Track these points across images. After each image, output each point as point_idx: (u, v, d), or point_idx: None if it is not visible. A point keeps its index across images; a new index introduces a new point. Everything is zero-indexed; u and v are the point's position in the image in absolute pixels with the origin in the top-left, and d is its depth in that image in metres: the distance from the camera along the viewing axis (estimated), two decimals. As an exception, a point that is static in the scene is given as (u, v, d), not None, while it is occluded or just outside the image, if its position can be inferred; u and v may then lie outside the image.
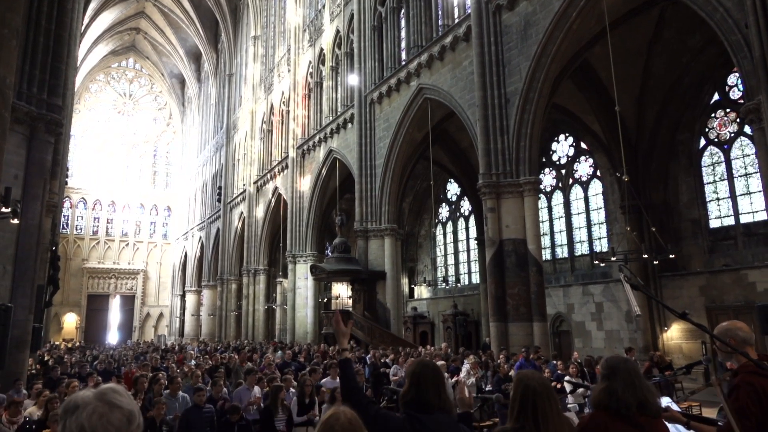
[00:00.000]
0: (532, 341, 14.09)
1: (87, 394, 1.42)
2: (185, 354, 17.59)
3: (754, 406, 2.78)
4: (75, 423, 1.34)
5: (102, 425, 1.34)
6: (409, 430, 2.38)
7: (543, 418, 2.39)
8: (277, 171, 31.80)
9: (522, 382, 2.52)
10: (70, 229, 47.76)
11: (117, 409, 1.38)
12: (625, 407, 2.52)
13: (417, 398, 2.48)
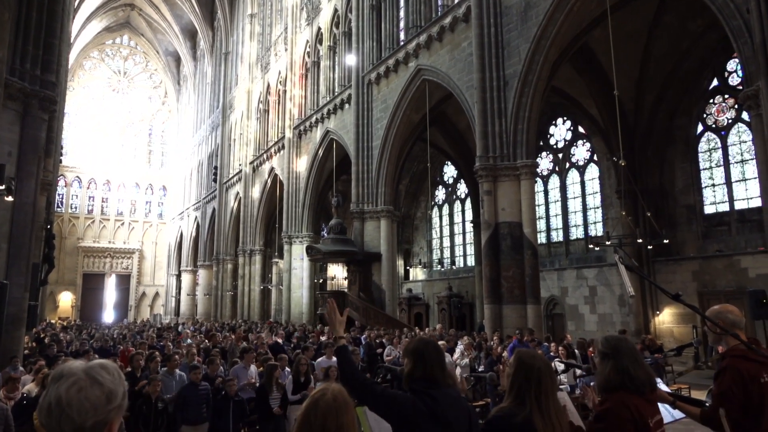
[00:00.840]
0: (526, 323, 14.22)
1: (77, 365, 1.42)
2: (183, 335, 17.70)
3: (738, 390, 2.81)
4: (54, 392, 1.35)
5: (78, 399, 1.34)
6: (422, 407, 2.38)
7: (545, 396, 2.41)
8: (273, 151, 31.65)
9: (525, 360, 2.53)
10: (64, 208, 47.55)
11: (98, 385, 1.37)
12: (642, 385, 2.53)
13: (424, 375, 2.49)
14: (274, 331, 16.98)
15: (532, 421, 2.37)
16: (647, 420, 2.48)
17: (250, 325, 23.66)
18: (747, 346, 2.97)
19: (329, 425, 1.81)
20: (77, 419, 1.33)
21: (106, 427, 1.38)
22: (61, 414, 1.32)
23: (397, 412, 2.41)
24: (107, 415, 1.37)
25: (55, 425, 1.33)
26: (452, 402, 2.45)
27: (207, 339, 14.44)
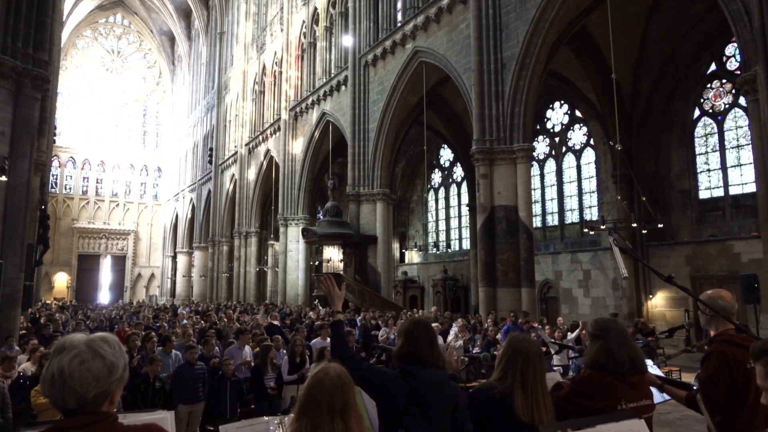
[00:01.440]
0: (520, 306, 14.33)
1: (79, 338, 1.45)
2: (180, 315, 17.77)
3: (724, 375, 2.84)
4: (57, 364, 1.39)
5: (80, 371, 1.38)
6: (403, 383, 2.43)
7: (532, 376, 2.46)
8: (269, 133, 31.47)
9: (515, 341, 2.61)
10: (59, 189, 47.27)
11: (99, 358, 1.42)
12: (621, 365, 2.61)
13: (412, 353, 2.53)
14: (269, 312, 17.06)
15: (511, 395, 2.43)
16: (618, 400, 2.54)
17: (245, 306, 23.76)
18: (738, 328, 3.00)
19: (336, 403, 1.83)
20: (79, 390, 1.37)
21: (108, 397, 1.42)
22: (64, 385, 1.37)
23: (380, 387, 2.45)
24: (108, 387, 1.42)
25: (59, 396, 1.38)
26: (437, 382, 2.48)
27: (203, 319, 14.49)
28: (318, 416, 1.82)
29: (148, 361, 6.85)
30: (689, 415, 7.77)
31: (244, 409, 7.25)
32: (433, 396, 2.43)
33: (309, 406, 1.85)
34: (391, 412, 2.41)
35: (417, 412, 2.40)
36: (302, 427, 1.82)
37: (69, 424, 1.39)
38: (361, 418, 1.92)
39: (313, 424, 1.81)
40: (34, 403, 6.25)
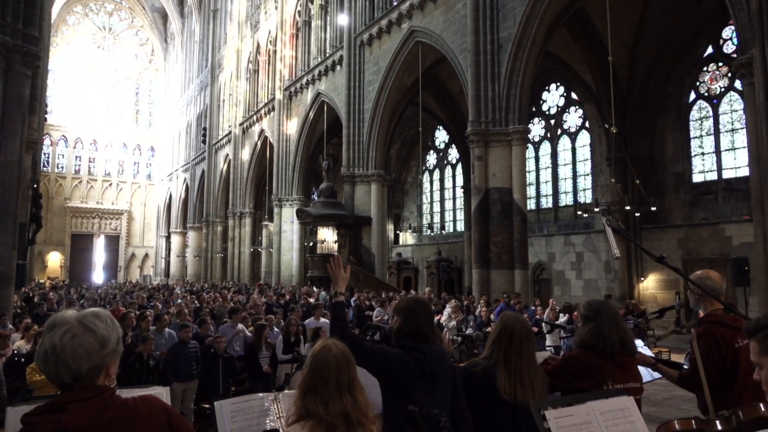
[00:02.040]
0: (513, 288, 14.45)
1: (71, 314, 1.47)
2: (175, 295, 17.81)
3: (714, 355, 2.90)
4: (49, 340, 1.41)
5: (72, 346, 1.40)
6: (410, 360, 2.45)
7: (516, 354, 2.51)
8: (263, 113, 31.22)
9: (504, 321, 2.66)
10: (51, 168, 46.85)
11: (90, 333, 1.43)
12: (611, 346, 2.66)
13: (414, 330, 2.56)
14: (263, 293, 17.13)
15: (492, 372, 2.47)
16: (605, 379, 2.59)
17: (240, 286, 23.83)
18: (727, 308, 3.05)
19: (343, 378, 1.87)
20: (72, 365, 1.40)
21: (103, 371, 1.44)
22: (57, 360, 1.39)
23: (385, 366, 2.47)
24: (102, 360, 1.44)
25: (53, 371, 1.40)
26: (439, 357, 2.53)
27: (197, 299, 14.55)
28: (327, 393, 1.85)
29: (142, 340, 6.88)
30: (677, 394, 7.92)
31: (239, 387, 7.32)
32: (439, 370, 2.48)
33: (316, 383, 1.88)
34: (399, 388, 2.43)
35: (425, 386, 2.43)
36: (311, 404, 1.85)
37: (66, 399, 1.41)
38: (364, 390, 1.95)
39: (323, 400, 1.84)
40: (29, 381, 6.28)
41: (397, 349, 2.54)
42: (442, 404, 2.46)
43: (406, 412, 2.40)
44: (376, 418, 1.94)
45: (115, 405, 1.45)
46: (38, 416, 1.40)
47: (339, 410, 1.82)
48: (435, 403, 2.44)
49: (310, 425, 1.82)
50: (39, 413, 1.40)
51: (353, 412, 1.84)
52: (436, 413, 2.42)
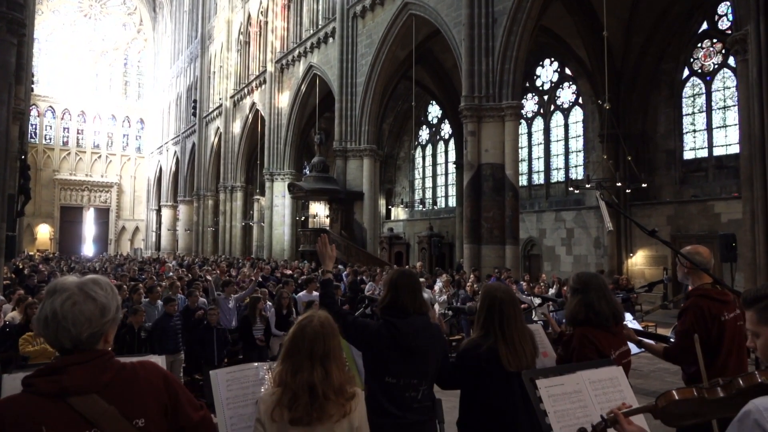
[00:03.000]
0: (504, 263, 14.58)
1: (71, 281, 1.49)
2: (166, 267, 17.80)
3: (700, 328, 2.96)
4: (50, 306, 1.43)
5: (73, 313, 1.42)
6: (385, 334, 2.51)
7: (507, 324, 2.56)
8: (254, 86, 30.82)
9: (488, 292, 2.70)
10: (38, 139, 46.15)
11: (91, 300, 1.45)
12: (605, 318, 2.70)
13: (394, 303, 2.60)
14: (255, 267, 17.16)
15: (497, 349, 2.53)
16: (610, 351, 2.66)
17: (231, 260, 23.83)
18: (716, 281, 3.11)
19: (317, 349, 1.88)
20: (73, 331, 1.42)
21: (102, 337, 1.45)
22: (57, 326, 1.41)
23: (363, 339, 2.55)
24: (102, 327, 1.46)
25: (53, 336, 1.43)
26: (418, 330, 2.56)
27: (189, 272, 14.56)
28: (298, 362, 1.87)
29: (132, 312, 6.90)
30: (662, 367, 8.10)
31: (233, 359, 7.39)
32: (415, 343, 2.52)
33: (292, 351, 1.91)
34: (376, 361, 2.49)
35: (400, 358, 2.49)
36: (284, 371, 1.88)
37: (65, 361, 1.43)
38: (344, 366, 1.96)
39: (293, 369, 1.86)
40: (22, 351, 6.31)
41: (380, 322, 2.59)
42: (420, 374, 2.51)
43: (384, 383, 2.47)
44: (353, 394, 1.93)
45: (114, 368, 1.47)
46: (38, 378, 1.42)
47: (305, 381, 1.83)
48: (412, 373, 2.49)
49: (278, 392, 1.85)
50: (39, 375, 1.42)
51: (321, 385, 1.84)
52: (414, 383, 2.48)
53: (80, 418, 1.38)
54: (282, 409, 1.82)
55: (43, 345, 6.42)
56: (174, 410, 1.53)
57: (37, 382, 1.40)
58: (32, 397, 1.38)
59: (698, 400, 1.56)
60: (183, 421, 1.54)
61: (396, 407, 2.42)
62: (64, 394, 1.38)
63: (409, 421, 2.45)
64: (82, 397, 1.39)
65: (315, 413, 1.82)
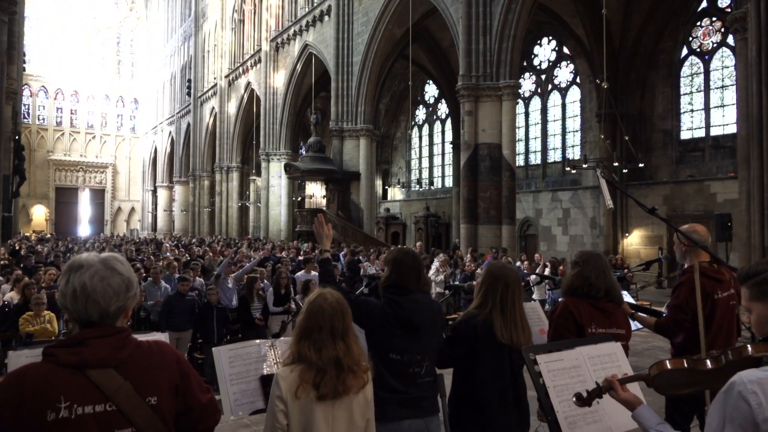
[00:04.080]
0: (500, 243, 14.65)
1: (92, 257, 1.53)
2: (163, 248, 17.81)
3: (693, 303, 3.02)
4: (78, 280, 1.46)
5: (102, 287, 1.47)
6: (389, 311, 2.54)
7: (511, 301, 2.60)
8: (249, 65, 30.50)
9: (493, 271, 2.72)
10: (31, 119, 45.67)
11: (117, 275, 1.50)
12: (596, 290, 2.76)
13: (397, 282, 2.62)
14: (252, 247, 17.19)
15: (491, 320, 2.57)
16: (589, 324, 2.71)
17: (228, 240, 23.87)
18: (716, 259, 3.14)
19: (337, 325, 1.92)
20: (102, 304, 1.46)
21: (124, 312, 1.48)
22: (87, 299, 1.45)
23: (367, 317, 2.56)
24: (126, 302, 1.52)
25: (81, 309, 1.46)
26: (420, 306, 2.59)
27: (187, 252, 14.59)
28: (321, 339, 1.90)
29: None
30: (656, 345, 8.21)
31: (232, 338, 7.45)
32: (418, 320, 2.55)
33: (311, 329, 1.93)
34: (381, 338, 2.52)
35: (404, 335, 2.52)
36: (305, 349, 1.90)
37: (86, 334, 1.46)
38: (357, 339, 2.01)
39: (316, 346, 1.89)
40: (22, 332, 6.35)
41: (383, 300, 2.61)
42: (423, 350, 2.55)
43: (388, 360, 2.50)
44: (368, 366, 1.99)
45: (132, 344, 1.51)
46: (60, 348, 1.44)
47: (331, 356, 1.88)
48: (416, 349, 2.54)
49: (300, 369, 1.88)
50: (60, 346, 1.45)
51: (345, 359, 1.89)
52: (418, 359, 2.53)
53: (97, 391, 1.41)
54: (306, 386, 1.85)
55: (43, 325, 6.46)
56: (184, 391, 1.56)
57: (58, 353, 1.43)
58: (52, 366, 1.41)
59: (688, 371, 1.61)
60: (191, 402, 1.58)
61: (400, 383, 2.47)
62: (83, 366, 1.41)
63: (413, 396, 2.49)
64: (100, 371, 1.42)
65: (340, 387, 1.87)
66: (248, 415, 2.58)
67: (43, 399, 1.37)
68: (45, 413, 1.36)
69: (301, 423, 1.83)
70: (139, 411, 1.44)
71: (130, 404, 1.43)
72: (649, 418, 1.63)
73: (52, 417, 1.36)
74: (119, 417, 1.42)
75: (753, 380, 1.34)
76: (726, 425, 1.35)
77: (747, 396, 1.32)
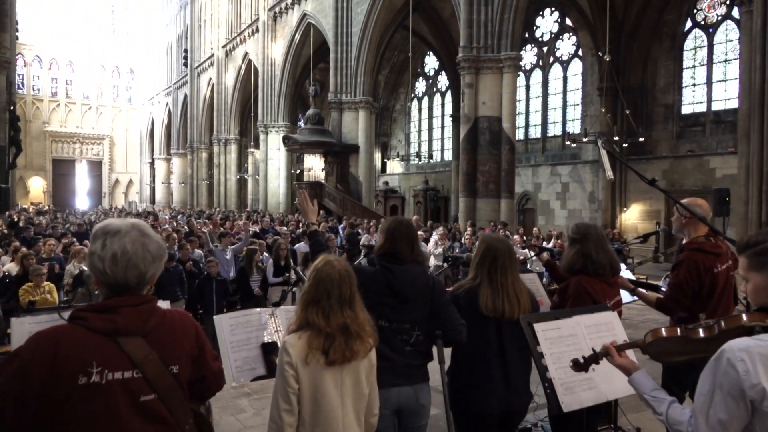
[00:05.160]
0: (499, 217, 14.67)
1: (124, 222, 1.55)
2: (160, 221, 17.84)
3: (693, 281, 3.05)
4: (118, 244, 1.48)
5: (142, 252, 1.50)
6: (381, 278, 2.56)
7: (501, 272, 2.60)
8: (247, 35, 30.03)
9: (484, 241, 2.74)
10: (26, 90, 45.10)
11: (154, 241, 1.54)
12: (601, 268, 2.77)
13: (391, 251, 2.63)
14: (251, 219, 17.20)
15: (477, 291, 2.60)
16: (604, 300, 2.73)
17: (227, 213, 23.87)
18: (714, 231, 3.15)
19: (344, 293, 1.95)
20: (142, 268, 1.49)
21: (153, 278, 1.54)
22: (128, 263, 1.47)
23: (359, 283, 2.56)
24: (157, 269, 1.55)
25: (121, 274, 1.47)
26: (412, 277, 2.60)
27: (186, 225, 14.60)
28: (329, 306, 1.93)
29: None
30: (651, 318, 8.30)
31: (231, 309, 7.51)
32: (410, 290, 2.56)
33: (319, 297, 1.95)
34: (371, 304, 2.53)
35: (394, 303, 2.54)
36: (312, 315, 1.92)
37: (118, 302, 1.48)
38: (363, 306, 2.04)
39: (324, 313, 1.92)
40: (22, 302, 6.38)
41: (376, 268, 2.63)
42: (412, 320, 2.56)
43: (377, 326, 2.51)
44: (374, 332, 2.02)
45: (159, 313, 1.54)
46: (91, 313, 1.46)
47: (339, 323, 1.91)
48: (405, 318, 2.55)
49: (308, 335, 1.90)
50: (91, 311, 1.47)
51: (353, 325, 1.93)
52: (407, 328, 2.54)
53: (126, 358, 1.44)
54: (315, 352, 1.88)
55: (43, 296, 6.50)
56: (200, 360, 1.61)
57: (90, 318, 1.44)
58: (84, 330, 1.43)
59: (682, 339, 1.64)
60: (205, 371, 1.63)
61: (389, 349, 2.48)
62: (114, 334, 1.44)
63: (400, 364, 2.51)
64: (130, 339, 1.45)
65: (348, 352, 1.90)
66: (249, 381, 2.62)
67: (77, 362, 1.39)
68: (77, 376, 1.38)
69: (311, 388, 1.87)
70: (163, 379, 1.48)
71: (156, 372, 1.47)
72: (645, 383, 1.66)
73: (84, 381, 1.39)
74: (144, 384, 1.46)
75: (742, 348, 1.38)
76: (715, 391, 1.41)
77: (735, 363, 1.37)
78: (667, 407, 1.56)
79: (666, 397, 1.60)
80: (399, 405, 2.51)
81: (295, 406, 1.86)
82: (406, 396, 2.51)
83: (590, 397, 2.02)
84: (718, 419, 1.40)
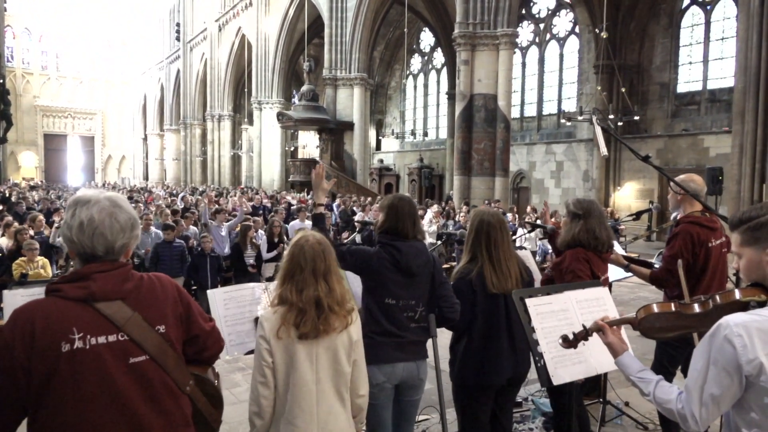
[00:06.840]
0: (493, 195, 14.70)
1: (98, 193, 1.54)
2: (154, 195, 17.75)
3: (687, 252, 3.07)
4: (85, 213, 1.47)
5: (110, 221, 1.49)
6: (385, 256, 2.55)
7: (495, 247, 2.63)
8: (240, 9, 29.51)
9: (477, 216, 2.74)
10: (15, 63, 44.31)
11: (124, 212, 1.53)
12: (602, 245, 2.80)
13: (394, 227, 2.62)
14: (246, 195, 17.15)
15: (483, 273, 2.65)
16: (599, 271, 2.77)
17: (221, 190, 23.79)
18: (707, 208, 3.17)
19: (318, 266, 1.93)
20: (110, 238, 1.48)
21: (126, 250, 1.50)
22: (94, 231, 1.47)
23: (364, 263, 2.58)
24: (129, 241, 1.54)
25: (88, 242, 1.47)
26: (416, 253, 2.61)
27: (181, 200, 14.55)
28: (303, 280, 1.92)
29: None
30: (642, 296, 8.40)
31: (225, 285, 7.53)
32: (415, 265, 2.57)
33: (293, 271, 1.94)
34: (377, 283, 2.55)
35: (401, 280, 2.55)
36: (288, 291, 1.92)
37: (91, 269, 1.48)
38: (342, 280, 2.02)
39: (298, 287, 1.91)
40: (16, 276, 6.37)
41: (378, 245, 2.62)
42: (418, 296, 2.59)
43: (384, 304, 2.54)
44: (353, 308, 2.01)
45: (136, 277, 1.54)
46: (64, 284, 1.46)
47: (311, 296, 1.90)
48: (411, 295, 2.57)
49: (282, 310, 1.91)
50: (64, 282, 1.47)
51: (326, 299, 1.91)
52: (413, 304, 2.56)
53: (107, 322, 1.45)
54: (288, 326, 1.88)
55: (37, 270, 6.48)
56: (187, 319, 1.61)
57: (64, 287, 1.45)
58: (59, 301, 1.43)
59: (675, 314, 1.64)
60: (196, 329, 1.63)
61: (396, 327, 2.52)
62: (91, 299, 1.44)
63: (408, 341, 2.55)
64: (109, 303, 1.46)
65: (321, 326, 1.89)
66: (243, 354, 2.65)
67: (56, 331, 1.39)
68: (59, 345, 1.39)
69: (284, 361, 1.88)
70: (150, 339, 1.49)
71: (141, 333, 1.48)
72: (631, 365, 1.66)
73: (67, 348, 1.39)
74: (132, 346, 1.47)
75: (739, 323, 1.37)
76: (710, 367, 1.40)
77: (732, 339, 1.36)
78: (654, 387, 1.56)
79: (652, 377, 1.59)
80: (402, 379, 2.56)
81: (270, 380, 1.87)
82: (409, 371, 2.56)
83: (580, 370, 2.05)
84: (710, 394, 1.40)
